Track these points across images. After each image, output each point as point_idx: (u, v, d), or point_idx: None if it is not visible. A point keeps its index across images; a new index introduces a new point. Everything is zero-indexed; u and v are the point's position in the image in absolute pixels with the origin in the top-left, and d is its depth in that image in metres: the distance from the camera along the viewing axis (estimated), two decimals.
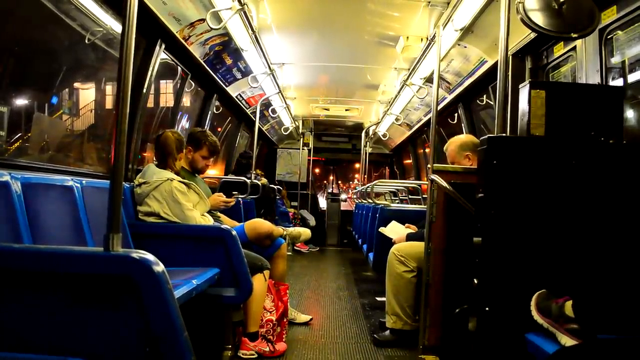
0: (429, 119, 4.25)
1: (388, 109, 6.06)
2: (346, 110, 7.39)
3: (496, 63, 2.35)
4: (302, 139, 9.03)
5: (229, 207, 3.23)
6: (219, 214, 3.20)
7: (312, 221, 8.59)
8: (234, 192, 3.15)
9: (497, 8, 2.04)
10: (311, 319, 3.43)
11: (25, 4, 2.42)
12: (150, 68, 3.07)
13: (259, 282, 2.59)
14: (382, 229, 3.60)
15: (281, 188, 8.20)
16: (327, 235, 9.18)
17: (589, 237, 1.57)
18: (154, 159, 2.82)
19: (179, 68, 3.85)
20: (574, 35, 1.81)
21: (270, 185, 6.14)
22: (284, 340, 2.81)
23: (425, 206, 2.61)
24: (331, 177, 12.60)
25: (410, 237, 3.19)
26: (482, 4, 2.77)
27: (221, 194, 3.12)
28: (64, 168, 2.67)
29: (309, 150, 9.33)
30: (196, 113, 4.77)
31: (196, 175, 3.18)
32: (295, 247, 7.46)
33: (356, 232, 6.41)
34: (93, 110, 3.37)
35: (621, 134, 1.76)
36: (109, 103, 3.47)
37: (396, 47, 4.21)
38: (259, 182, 4.74)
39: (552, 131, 1.72)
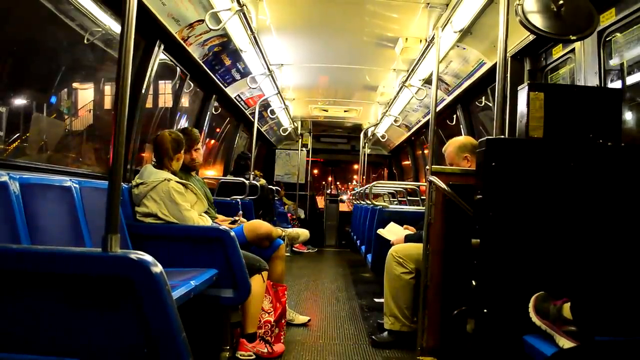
0: (428, 120, 4.26)
1: (387, 110, 6.07)
2: (345, 111, 7.39)
3: (495, 65, 2.35)
4: (300, 140, 9.03)
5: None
6: (216, 214, 3.20)
7: (301, 214, 8.79)
8: (236, 217, 3.17)
9: (496, 10, 2.05)
10: (309, 320, 3.42)
11: (24, 4, 2.42)
12: (149, 68, 3.07)
13: (257, 283, 2.59)
14: (380, 231, 3.60)
15: (279, 189, 8.21)
16: (326, 236, 9.18)
17: (587, 239, 1.57)
18: (152, 159, 2.82)
19: (178, 69, 3.85)
20: (573, 38, 1.82)
21: (269, 186, 6.14)
22: (282, 341, 2.81)
23: (424, 207, 2.61)
24: (330, 178, 12.60)
25: (408, 239, 3.19)
26: (481, 5, 2.78)
27: (227, 219, 3.14)
28: (63, 168, 2.66)
29: (308, 151, 9.34)
30: (195, 114, 4.77)
31: (192, 174, 3.18)
32: (293, 248, 7.46)
33: (354, 233, 6.41)
34: (92, 111, 3.37)
35: (619, 136, 1.76)
36: (107, 103, 3.46)
37: (395, 49, 4.22)
38: (258, 183, 4.74)
39: (551, 133, 1.72)
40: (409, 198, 6.27)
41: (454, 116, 4.87)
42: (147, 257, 1.12)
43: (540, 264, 1.59)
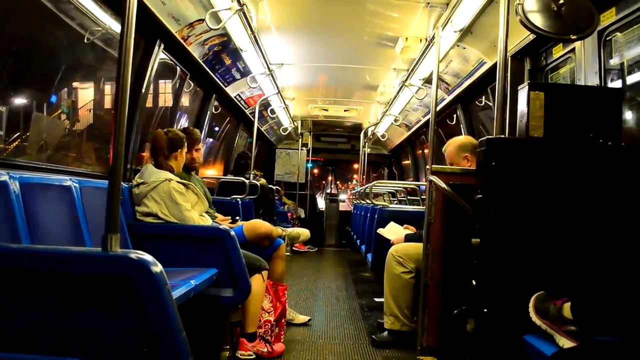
0: (428, 119, 4.26)
1: (387, 110, 6.07)
2: (345, 110, 7.40)
3: (495, 64, 2.35)
4: (300, 140, 9.03)
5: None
6: (216, 214, 3.20)
7: (301, 213, 8.88)
8: (236, 217, 3.18)
9: (496, 9, 2.05)
10: (309, 320, 3.43)
11: (24, 3, 2.42)
12: (149, 68, 3.07)
13: (258, 282, 2.58)
14: (380, 230, 3.60)
15: (279, 188, 8.21)
16: (326, 235, 9.18)
17: (587, 239, 1.57)
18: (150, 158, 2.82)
19: (178, 68, 3.85)
20: (573, 37, 1.82)
21: (269, 186, 6.14)
22: (282, 341, 2.80)
23: (424, 207, 2.61)
24: (330, 178, 12.60)
25: (408, 238, 3.18)
26: (481, 5, 2.78)
27: (227, 218, 3.14)
28: (63, 168, 2.66)
29: (308, 151, 9.33)
30: (195, 113, 4.77)
31: (192, 174, 3.18)
32: (293, 248, 7.46)
33: (355, 232, 6.41)
34: (92, 110, 3.37)
35: (620, 136, 1.76)
36: (107, 103, 3.47)
37: (395, 48, 4.22)
38: (258, 183, 4.74)
39: (551, 133, 1.72)
40: (409, 197, 6.27)
41: (454, 116, 4.87)
42: (147, 257, 1.12)
43: (540, 263, 1.59)
